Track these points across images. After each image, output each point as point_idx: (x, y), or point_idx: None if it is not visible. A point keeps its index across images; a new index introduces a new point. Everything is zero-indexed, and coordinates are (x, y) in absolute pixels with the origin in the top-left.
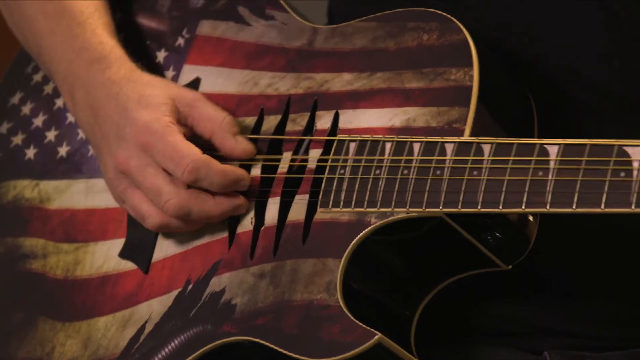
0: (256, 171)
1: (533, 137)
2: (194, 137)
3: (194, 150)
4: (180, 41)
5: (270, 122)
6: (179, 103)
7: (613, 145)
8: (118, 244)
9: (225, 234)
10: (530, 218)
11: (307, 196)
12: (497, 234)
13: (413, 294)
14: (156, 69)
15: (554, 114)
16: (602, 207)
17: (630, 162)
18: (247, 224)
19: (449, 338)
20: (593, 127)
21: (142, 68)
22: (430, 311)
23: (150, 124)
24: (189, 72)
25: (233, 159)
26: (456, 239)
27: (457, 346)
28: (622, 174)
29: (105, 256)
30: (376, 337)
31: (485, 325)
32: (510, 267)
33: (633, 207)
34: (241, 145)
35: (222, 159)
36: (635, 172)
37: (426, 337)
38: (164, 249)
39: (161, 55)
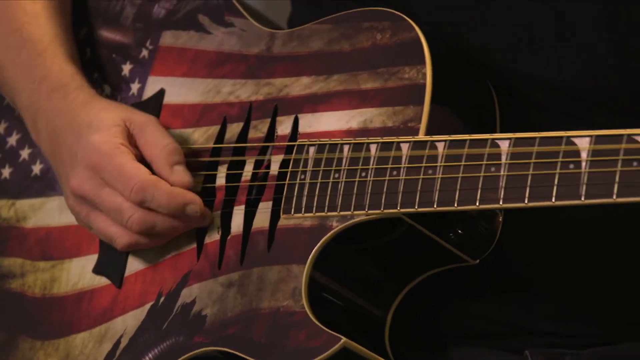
0: (221, 180)
1: (496, 129)
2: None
3: (141, 171)
4: (145, 53)
5: (233, 129)
6: (131, 125)
7: (561, 137)
8: (92, 260)
9: (194, 245)
10: (492, 213)
11: (270, 203)
12: (459, 230)
13: (382, 295)
14: (123, 82)
15: (510, 113)
16: (553, 200)
17: (578, 153)
18: (214, 233)
19: (429, 340)
20: (551, 126)
21: (108, 83)
22: (409, 313)
23: (99, 146)
24: (153, 84)
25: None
26: (418, 237)
27: (438, 348)
28: (571, 166)
29: (80, 273)
30: (341, 341)
31: (465, 326)
32: (477, 261)
33: (583, 198)
34: (175, 177)
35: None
36: (583, 163)
37: (406, 339)
38: (136, 263)
39: (127, 68)
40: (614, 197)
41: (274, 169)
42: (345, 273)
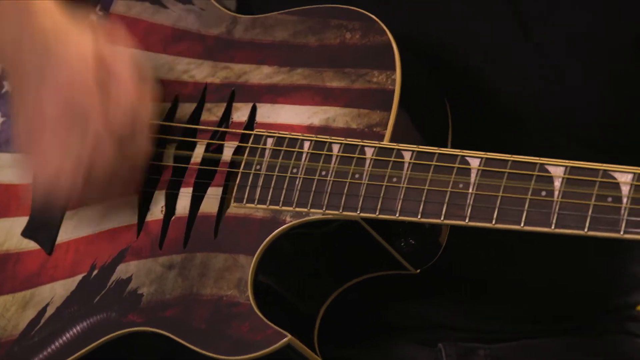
0: (169, 160)
1: (447, 144)
2: None
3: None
4: (93, 18)
5: (185, 109)
6: None
7: (535, 163)
8: (21, 222)
9: (134, 221)
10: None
11: (220, 189)
12: (411, 241)
13: (319, 293)
14: None
15: (473, 125)
16: (522, 225)
17: (552, 181)
18: (157, 212)
19: (349, 334)
20: (512, 139)
21: None
22: (334, 309)
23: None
24: None
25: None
26: (369, 242)
27: (356, 342)
28: (543, 193)
29: (7, 233)
30: (286, 338)
31: (385, 321)
32: (418, 271)
33: (553, 227)
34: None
35: None
36: (556, 192)
37: (330, 333)
38: (69, 230)
39: None
40: (585, 230)
41: (227, 154)
42: (291, 268)
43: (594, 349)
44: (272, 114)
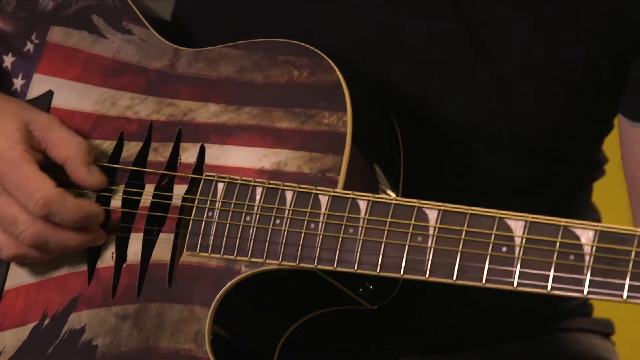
0: (116, 203)
1: (400, 172)
2: (47, 162)
3: (47, 184)
4: (30, 46)
5: (131, 148)
6: (33, 127)
7: (494, 217)
8: None
9: (85, 267)
10: None
11: (172, 236)
12: (369, 285)
13: (275, 334)
14: (4, 75)
15: (419, 146)
16: (483, 282)
17: (512, 238)
18: (107, 258)
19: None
20: (462, 154)
21: None
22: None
23: (2, 153)
24: (40, 83)
25: (84, 188)
26: (328, 288)
27: None
28: (504, 249)
29: None
30: None
31: (341, 338)
32: (376, 307)
33: (515, 285)
34: (93, 178)
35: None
36: (517, 249)
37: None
38: (17, 277)
39: (9, 60)
40: (548, 289)
41: (177, 199)
42: (247, 317)
43: (549, 349)
44: (221, 155)
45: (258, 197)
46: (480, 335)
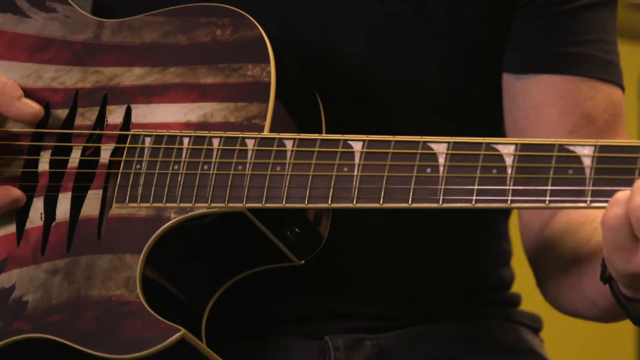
0: (44, 166)
1: (321, 120)
2: None
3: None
4: None
5: (58, 116)
6: None
7: (418, 142)
8: None
9: (13, 230)
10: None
11: (100, 191)
12: (296, 229)
13: (207, 288)
14: None
15: (348, 109)
16: (410, 202)
17: (435, 158)
18: (36, 219)
19: (236, 329)
20: (384, 121)
21: None
22: (218, 304)
23: None
24: None
25: (22, 122)
26: (255, 234)
27: (244, 336)
28: (429, 170)
29: None
30: (180, 332)
31: (270, 314)
32: (303, 262)
33: (440, 202)
34: (27, 107)
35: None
36: (441, 168)
37: (215, 328)
38: None
39: None
40: (473, 202)
41: (105, 157)
42: (178, 264)
43: (476, 333)
44: (147, 114)
45: (185, 145)
46: (406, 317)
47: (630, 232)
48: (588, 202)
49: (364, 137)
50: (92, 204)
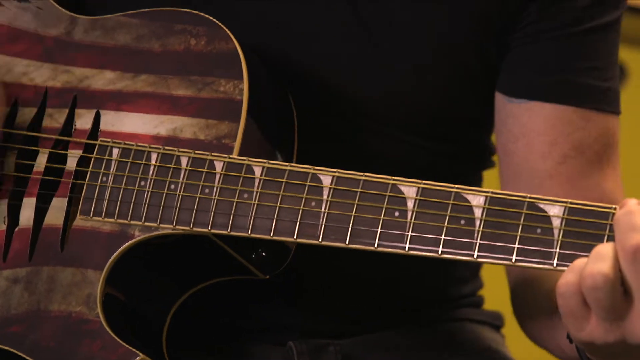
0: (9, 168)
1: (294, 150)
2: None
3: None
4: None
5: (25, 114)
6: None
7: (387, 183)
8: None
9: None
10: None
11: (65, 200)
12: (261, 252)
13: (167, 301)
14: None
15: (321, 126)
16: (375, 246)
17: (404, 202)
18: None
19: (201, 338)
20: (357, 139)
21: None
22: (183, 314)
23: None
24: None
25: None
26: (220, 253)
27: (209, 345)
28: (397, 214)
29: None
30: (137, 358)
31: (234, 323)
32: (268, 277)
33: (407, 249)
34: None
35: None
36: (409, 213)
37: (181, 338)
38: None
39: None
40: (439, 253)
41: (71, 165)
42: (140, 280)
43: (436, 338)
44: (116, 122)
45: (153, 162)
46: (368, 322)
47: (582, 300)
48: (554, 265)
49: (334, 171)
50: (56, 213)
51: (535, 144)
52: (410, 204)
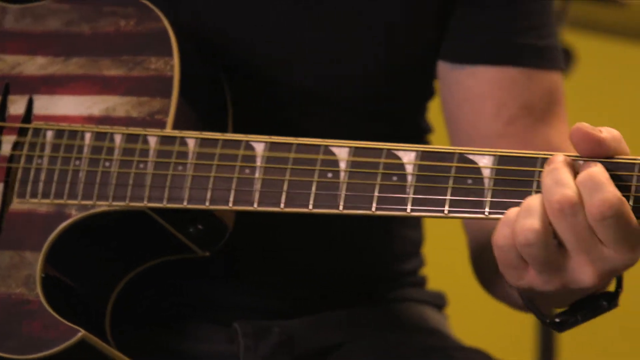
0: None
1: (227, 129)
2: None
3: None
4: None
5: None
6: None
7: (319, 146)
8: None
9: None
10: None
11: (1, 185)
12: (199, 226)
13: (109, 281)
14: None
15: (250, 106)
16: (310, 208)
17: (337, 163)
18: None
19: (151, 318)
20: (292, 120)
21: None
22: (128, 292)
23: None
24: None
25: None
26: (158, 230)
27: (154, 323)
28: (330, 175)
29: None
30: (80, 334)
31: (175, 302)
32: (207, 254)
33: (341, 208)
34: None
35: None
36: (342, 174)
37: (126, 316)
38: None
39: None
40: (373, 209)
41: (5, 150)
42: (79, 260)
43: (380, 318)
44: (50, 105)
45: (87, 142)
46: (314, 304)
47: (518, 254)
48: (486, 213)
49: (266, 138)
50: None
51: (482, 107)
52: (342, 165)
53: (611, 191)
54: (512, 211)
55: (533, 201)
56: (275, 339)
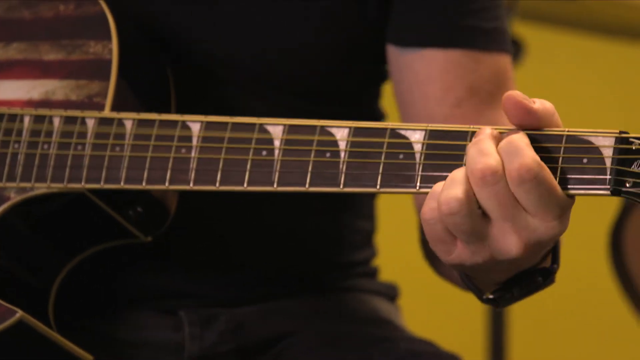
0: None
1: (171, 112)
2: None
3: None
4: None
5: None
6: None
7: (254, 124)
8: None
9: None
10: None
11: None
12: (139, 209)
13: (52, 266)
14: None
15: (194, 88)
16: (245, 185)
17: (271, 141)
18: None
19: (95, 307)
20: (241, 106)
21: None
22: (71, 280)
23: None
24: None
25: None
26: (98, 213)
27: (98, 312)
28: (264, 153)
29: None
30: (17, 315)
31: (124, 290)
32: (150, 238)
33: (275, 186)
34: None
35: None
36: (276, 151)
37: (69, 304)
38: None
39: None
40: (307, 186)
41: None
42: (20, 244)
43: (330, 308)
44: None
45: (26, 125)
46: (260, 292)
47: (445, 226)
48: (417, 188)
49: (202, 117)
50: None
51: (430, 90)
52: (277, 143)
53: (529, 155)
54: (439, 185)
55: (458, 173)
56: (222, 327)
